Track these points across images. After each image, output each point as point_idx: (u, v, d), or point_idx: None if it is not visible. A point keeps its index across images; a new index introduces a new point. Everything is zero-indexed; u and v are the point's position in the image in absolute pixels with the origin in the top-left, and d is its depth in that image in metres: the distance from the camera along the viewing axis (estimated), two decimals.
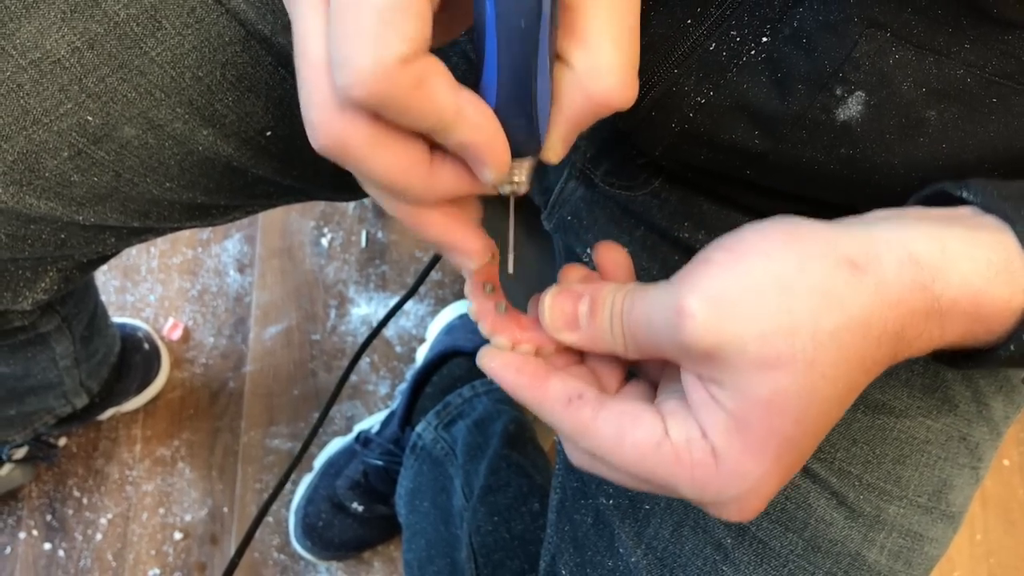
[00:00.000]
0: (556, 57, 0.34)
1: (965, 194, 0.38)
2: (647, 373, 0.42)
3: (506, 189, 0.37)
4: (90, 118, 0.49)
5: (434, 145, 0.34)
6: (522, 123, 0.34)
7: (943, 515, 0.56)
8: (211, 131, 0.53)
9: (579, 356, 0.42)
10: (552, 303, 0.39)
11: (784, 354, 0.33)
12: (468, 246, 0.38)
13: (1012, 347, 0.36)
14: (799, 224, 0.35)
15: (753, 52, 0.43)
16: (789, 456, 0.35)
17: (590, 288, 0.39)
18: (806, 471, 0.54)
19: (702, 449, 0.35)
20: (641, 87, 0.46)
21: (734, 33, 0.43)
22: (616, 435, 0.36)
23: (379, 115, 0.32)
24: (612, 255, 0.42)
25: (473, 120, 0.32)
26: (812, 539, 0.54)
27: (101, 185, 0.52)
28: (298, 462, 0.74)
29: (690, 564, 0.55)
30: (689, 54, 0.44)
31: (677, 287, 0.35)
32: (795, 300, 0.33)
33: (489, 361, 0.40)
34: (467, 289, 0.42)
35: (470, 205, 0.40)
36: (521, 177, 0.37)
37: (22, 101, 0.48)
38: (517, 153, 0.35)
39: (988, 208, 0.37)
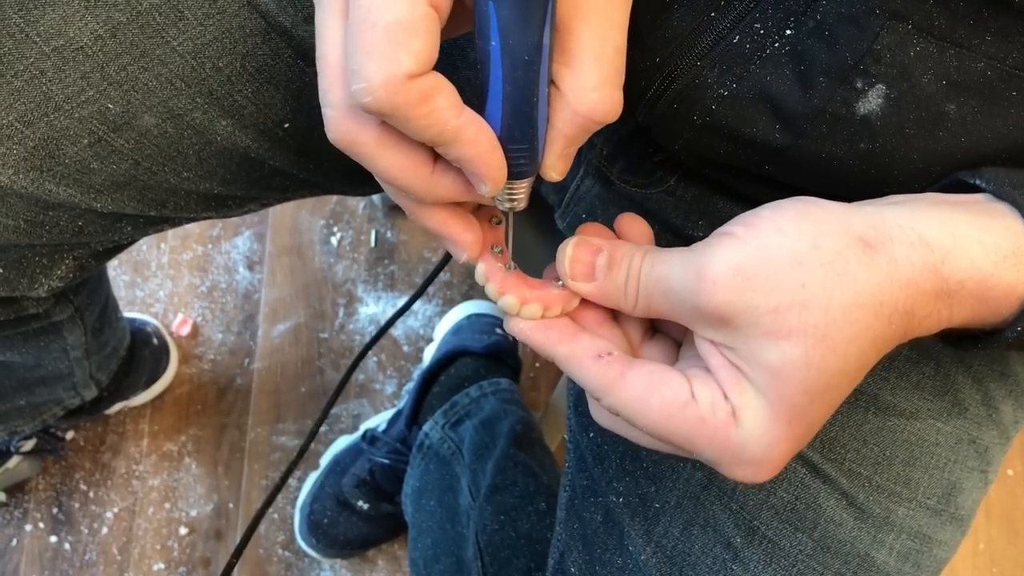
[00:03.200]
0: (550, 80, 0.36)
1: (979, 182, 0.39)
2: (669, 331, 0.44)
3: (505, 205, 0.40)
4: (111, 106, 0.50)
5: (438, 154, 0.36)
6: (524, 148, 0.37)
7: (952, 518, 0.56)
8: (230, 122, 0.54)
9: (610, 316, 0.43)
10: (573, 252, 0.41)
11: (795, 327, 0.35)
12: (462, 238, 0.40)
13: (1019, 328, 0.38)
14: (814, 203, 0.37)
15: (777, 44, 0.43)
16: (799, 424, 0.36)
17: (609, 243, 0.41)
18: (816, 471, 0.54)
19: (724, 410, 0.37)
20: (663, 79, 0.47)
21: (758, 26, 0.44)
22: (644, 392, 0.38)
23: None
24: (636, 227, 0.44)
25: (472, 138, 0.34)
26: (821, 539, 0.54)
27: (120, 173, 0.53)
28: (300, 459, 0.74)
29: (699, 563, 0.55)
30: (712, 46, 0.45)
31: (699, 255, 0.37)
32: (808, 276, 0.35)
33: (516, 323, 0.42)
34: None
35: (472, 211, 0.42)
36: (520, 195, 0.39)
37: (44, 87, 0.48)
38: (518, 175, 0.37)
39: (1000, 195, 0.38)
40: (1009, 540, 1.30)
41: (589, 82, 0.35)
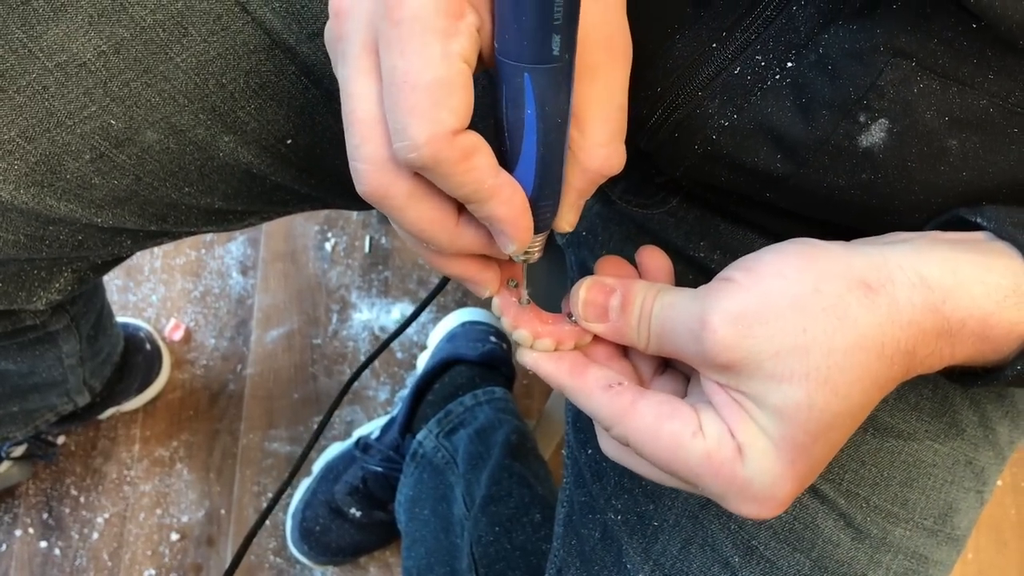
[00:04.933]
0: None
1: (980, 220, 0.40)
2: (679, 366, 0.44)
3: (520, 258, 0.41)
4: (113, 122, 0.50)
5: (463, 208, 0.37)
6: (550, 206, 0.38)
7: (948, 538, 0.57)
8: (232, 138, 0.53)
9: (621, 351, 0.44)
10: (586, 294, 0.42)
11: (797, 371, 0.35)
12: (482, 277, 0.42)
13: (1019, 367, 0.38)
14: (816, 246, 0.37)
15: (778, 77, 0.44)
16: (803, 463, 0.37)
17: (622, 283, 0.42)
18: (815, 492, 0.55)
19: (730, 447, 0.37)
20: (665, 108, 0.47)
21: (759, 58, 0.44)
22: (653, 422, 0.38)
23: (420, 175, 0.35)
24: (656, 261, 0.44)
25: (507, 199, 0.36)
26: (819, 560, 0.54)
27: (121, 188, 0.53)
28: (292, 477, 0.74)
29: None
30: (714, 77, 0.45)
31: (702, 301, 0.37)
32: (810, 320, 0.35)
33: (528, 355, 0.43)
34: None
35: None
36: (537, 247, 0.40)
37: (47, 103, 0.48)
38: (539, 230, 0.39)
39: (1000, 234, 0.39)
40: (997, 550, 1.31)
41: (598, 140, 0.37)
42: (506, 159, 0.36)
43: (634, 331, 0.41)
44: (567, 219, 0.40)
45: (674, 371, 0.44)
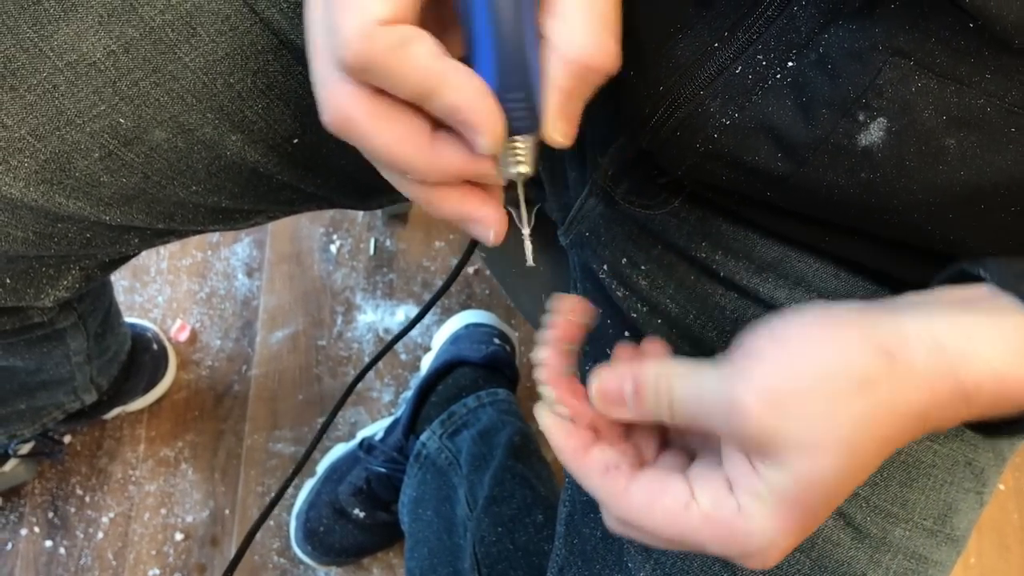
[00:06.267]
0: (538, 36, 0.35)
1: (982, 272, 0.40)
2: (685, 443, 0.45)
3: (511, 171, 0.38)
4: (122, 120, 0.50)
5: (437, 124, 0.36)
6: (520, 97, 0.35)
7: (947, 538, 0.57)
8: (240, 137, 0.54)
9: (624, 430, 0.45)
10: (597, 389, 0.43)
11: (827, 438, 0.36)
12: (480, 213, 0.39)
13: None
14: (835, 314, 0.38)
15: (779, 76, 0.44)
16: (810, 521, 0.38)
17: (632, 369, 0.42)
18: None
19: (728, 507, 0.38)
20: (666, 108, 0.47)
21: (760, 57, 0.44)
22: (646, 502, 0.39)
23: (376, 88, 0.34)
24: (655, 346, 0.45)
25: (458, 83, 0.33)
26: (819, 559, 0.54)
27: (129, 186, 0.53)
28: (295, 475, 0.75)
29: None
30: (715, 76, 0.45)
31: (730, 380, 0.37)
32: (837, 389, 0.36)
33: (545, 417, 0.43)
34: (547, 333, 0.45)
35: (490, 187, 0.40)
36: (523, 154, 0.37)
37: (57, 102, 0.49)
38: (517, 129, 0.36)
39: (1004, 286, 0.39)
40: (999, 554, 1.31)
41: (575, 27, 0.34)
42: (469, 52, 0.34)
43: (654, 411, 0.41)
44: (556, 127, 0.36)
45: (674, 451, 0.45)
